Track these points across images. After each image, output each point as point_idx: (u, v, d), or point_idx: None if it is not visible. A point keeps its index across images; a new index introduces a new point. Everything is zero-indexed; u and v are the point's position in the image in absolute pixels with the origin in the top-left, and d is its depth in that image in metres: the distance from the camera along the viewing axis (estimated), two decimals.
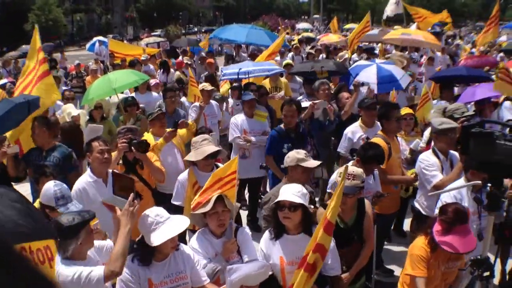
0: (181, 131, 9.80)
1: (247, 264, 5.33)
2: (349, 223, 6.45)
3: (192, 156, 7.64)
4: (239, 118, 11.02)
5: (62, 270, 4.78)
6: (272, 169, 9.57)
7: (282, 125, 9.79)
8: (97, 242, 5.45)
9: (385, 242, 9.54)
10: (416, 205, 8.26)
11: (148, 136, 9.33)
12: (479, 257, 5.14)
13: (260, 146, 10.81)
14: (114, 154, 8.05)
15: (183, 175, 7.88)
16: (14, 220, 4.57)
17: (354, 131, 9.75)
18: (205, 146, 7.55)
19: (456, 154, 7.92)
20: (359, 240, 6.48)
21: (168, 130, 9.16)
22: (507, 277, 8.96)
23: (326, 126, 10.56)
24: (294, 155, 6.90)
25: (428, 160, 7.83)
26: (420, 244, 6.09)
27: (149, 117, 9.77)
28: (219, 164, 8.03)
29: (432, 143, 8.55)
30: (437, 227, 5.87)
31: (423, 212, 7.95)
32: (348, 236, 6.37)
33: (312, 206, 5.82)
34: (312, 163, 6.80)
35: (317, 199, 9.22)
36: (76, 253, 4.99)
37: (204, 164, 7.63)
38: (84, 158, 9.42)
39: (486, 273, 5.06)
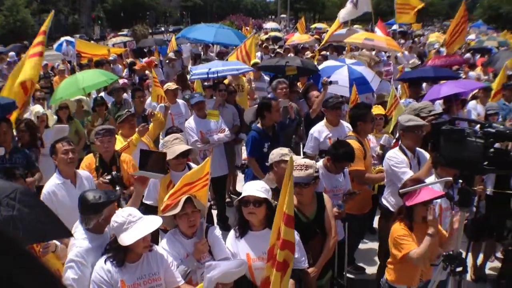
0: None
1: (226, 262, 5.32)
2: (311, 217, 6.52)
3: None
4: (192, 121, 11.00)
5: (73, 250, 5.41)
6: (254, 171, 9.39)
7: (259, 125, 9.58)
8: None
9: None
10: (384, 202, 8.25)
11: (118, 139, 9.31)
12: (451, 252, 5.20)
13: (219, 144, 10.97)
14: (87, 160, 8.05)
15: None
16: (33, 218, 4.58)
17: (320, 131, 9.75)
18: (176, 145, 7.51)
19: (423, 151, 7.99)
20: (322, 234, 6.56)
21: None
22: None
23: (287, 125, 10.56)
24: (278, 151, 7.04)
25: (396, 157, 7.82)
26: (397, 227, 6.29)
27: (118, 119, 9.75)
28: (191, 164, 8.02)
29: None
30: (405, 199, 6.15)
31: (391, 209, 7.89)
32: (311, 230, 6.45)
33: (276, 202, 5.87)
34: (295, 158, 6.84)
35: None
36: (96, 227, 5.59)
37: (176, 163, 7.60)
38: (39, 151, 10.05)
39: (459, 269, 5.11)
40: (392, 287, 6.55)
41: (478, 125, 4.91)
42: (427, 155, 7.76)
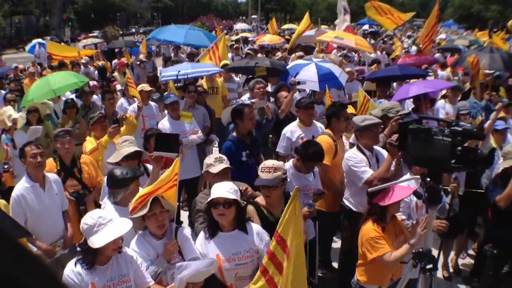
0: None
1: (196, 261, 5.31)
2: (278, 216, 6.47)
3: (112, 158, 7.67)
4: (166, 123, 10.98)
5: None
6: None
7: (234, 133, 9.35)
8: None
9: None
10: (346, 203, 8.26)
11: (90, 140, 9.31)
12: (420, 250, 5.23)
13: (192, 146, 10.97)
14: (47, 165, 7.99)
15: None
16: None
17: (293, 131, 9.75)
18: (124, 148, 7.58)
19: (381, 149, 8.03)
20: None
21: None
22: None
23: (264, 125, 10.53)
24: (205, 161, 7.05)
25: (355, 157, 7.86)
26: (369, 228, 6.31)
27: (90, 121, 9.73)
28: (147, 165, 8.03)
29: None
30: (378, 200, 6.20)
31: (355, 209, 7.99)
32: None
33: (245, 203, 5.86)
34: (218, 168, 6.79)
35: None
36: (123, 200, 6.29)
37: (126, 165, 7.51)
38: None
39: (429, 266, 5.15)
40: (363, 287, 6.59)
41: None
42: (385, 153, 7.81)
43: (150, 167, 7.89)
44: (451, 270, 9.62)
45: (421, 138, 4.71)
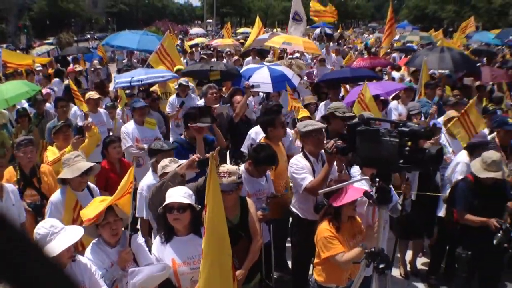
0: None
1: (148, 267, 5.32)
2: (234, 221, 6.50)
3: (67, 173, 7.25)
4: (130, 127, 10.95)
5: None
6: None
7: (182, 136, 9.39)
8: None
9: None
10: (293, 209, 8.14)
11: (52, 150, 9.20)
12: (373, 249, 5.28)
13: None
14: (7, 173, 7.97)
15: (56, 196, 7.41)
16: None
17: (258, 132, 9.73)
18: (79, 163, 7.26)
19: None
20: (247, 238, 6.58)
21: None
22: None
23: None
24: (160, 164, 7.04)
25: (297, 163, 7.75)
26: (324, 227, 6.37)
27: (53, 130, 9.63)
28: (90, 185, 7.82)
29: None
30: (332, 200, 6.27)
31: (301, 215, 7.92)
32: (235, 234, 6.37)
33: (200, 207, 5.85)
34: (173, 166, 6.72)
35: None
36: (155, 167, 7.64)
37: (80, 181, 7.32)
38: None
39: (382, 265, 5.19)
40: (321, 287, 6.63)
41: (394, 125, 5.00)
42: None
43: (91, 185, 7.83)
44: (408, 269, 9.72)
45: (370, 139, 4.76)
